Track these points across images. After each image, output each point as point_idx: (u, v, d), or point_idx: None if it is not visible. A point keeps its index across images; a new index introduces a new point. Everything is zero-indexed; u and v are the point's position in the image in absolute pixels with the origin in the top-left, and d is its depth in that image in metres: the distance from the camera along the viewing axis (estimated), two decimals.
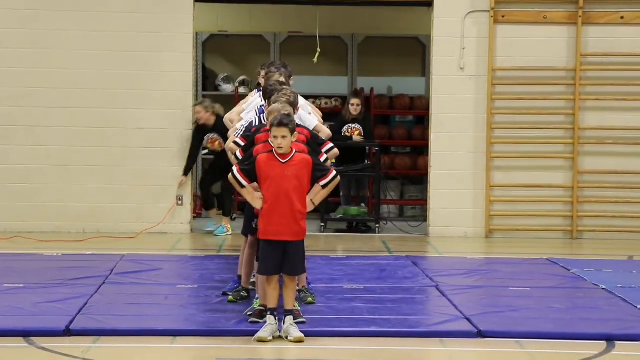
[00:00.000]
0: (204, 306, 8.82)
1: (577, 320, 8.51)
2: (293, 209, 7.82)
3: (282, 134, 7.79)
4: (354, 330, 8.07)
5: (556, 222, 14.02)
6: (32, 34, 13.63)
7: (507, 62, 13.90)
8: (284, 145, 7.80)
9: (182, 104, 13.78)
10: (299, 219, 7.86)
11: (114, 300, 8.97)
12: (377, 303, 9.05)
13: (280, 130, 7.79)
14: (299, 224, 7.87)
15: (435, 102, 14.01)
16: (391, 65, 16.84)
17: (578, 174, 13.92)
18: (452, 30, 13.88)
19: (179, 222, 13.81)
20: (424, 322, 8.43)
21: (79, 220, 13.68)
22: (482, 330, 8.02)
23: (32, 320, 8.13)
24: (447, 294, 9.45)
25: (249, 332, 7.84)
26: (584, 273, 10.71)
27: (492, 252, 12.89)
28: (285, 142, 7.80)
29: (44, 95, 13.66)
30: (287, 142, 7.81)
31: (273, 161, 7.84)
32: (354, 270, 10.84)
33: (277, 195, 7.83)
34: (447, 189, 13.94)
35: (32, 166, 13.68)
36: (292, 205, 7.82)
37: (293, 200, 7.82)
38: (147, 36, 13.76)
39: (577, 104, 13.88)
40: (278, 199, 7.83)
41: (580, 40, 13.84)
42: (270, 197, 7.85)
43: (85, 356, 7.31)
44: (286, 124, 7.81)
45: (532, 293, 9.68)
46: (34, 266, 10.81)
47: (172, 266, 11.20)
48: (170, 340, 7.80)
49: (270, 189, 7.84)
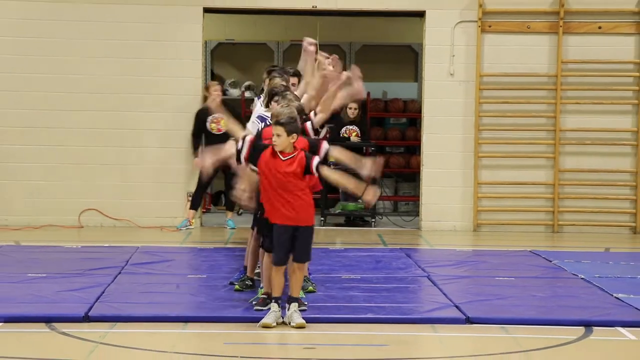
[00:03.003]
0: (213, 294, 8.81)
1: (557, 308, 8.52)
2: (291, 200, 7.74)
3: (276, 132, 7.74)
4: (351, 317, 8.07)
5: (539, 217, 14.02)
6: (52, 43, 13.62)
7: (494, 68, 13.91)
8: (278, 143, 7.73)
9: (192, 107, 13.76)
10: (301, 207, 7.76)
11: (129, 289, 8.97)
12: (373, 292, 9.04)
13: (276, 128, 7.75)
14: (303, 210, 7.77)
15: (427, 106, 14.02)
16: (386, 71, 16.84)
17: (559, 172, 13.92)
18: (443, 39, 13.88)
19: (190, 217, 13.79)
20: (417, 310, 8.43)
21: (96, 216, 13.68)
22: (470, 317, 8.03)
23: (53, 307, 8.14)
24: (437, 284, 9.45)
25: (254, 319, 7.84)
26: (564, 264, 10.72)
27: (480, 245, 12.88)
28: (279, 140, 7.71)
29: (63, 99, 13.65)
30: (281, 141, 7.71)
31: (275, 158, 7.78)
32: (351, 262, 10.83)
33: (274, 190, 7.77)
34: (438, 186, 13.94)
35: (52, 165, 13.68)
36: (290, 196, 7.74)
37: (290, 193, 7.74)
38: (159, 44, 13.76)
39: (558, 107, 13.88)
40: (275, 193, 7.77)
41: (561, 49, 13.84)
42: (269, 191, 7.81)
43: (102, 340, 7.32)
44: (282, 123, 7.73)
45: (517, 282, 9.68)
46: (55, 257, 10.81)
47: (183, 257, 11.21)
48: (181, 326, 7.81)
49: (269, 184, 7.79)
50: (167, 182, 13.79)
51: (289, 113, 7.86)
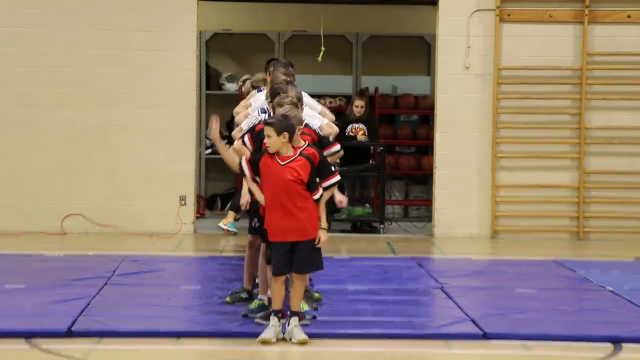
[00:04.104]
0: (207, 307, 8.80)
1: (583, 323, 8.50)
2: (293, 210, 7.77)
3: (266, 132, 7.77)
4: (358, 332, 8.05)
5: (562, 223, 14.00)
6: (33, 33, 13.62)
7: (513, 61, 13.89)
8: (269, 144, 7.75)
9: (186, 103, 13.77)
10: (302, 219, 7.82)
11: (116, 302, 8.96)
12: (381, 305, 9.04)
13: (266, 129, 7.77)
14: (304, 223, 7.82)
15: (440, 102, 14.00)
16: (396, 64, 16.82)
17: (584, 174, 13.90)
18: (458, 29, 13.87)
19: (182, 222, 13.79)
20: (429, 324, 8.42)
21: (80, 221, 13.67)
22: (488, 333, 8.01)
23: (33, 321, 8.12)
24: (452, 296, 9.43)
25: (252, 334, 7.82)
26: (590, 274, 10.70)
27: (498, 253, 12.88)
28: (270, 141, 7.73)
29: (44, 94, 13.65)
30: (271, 142, 7.73)
31: (272, 160, 7.81)
32: (358, 272, 10.83)
33: (276, 197, 7.79)
34: (452, 190, 13.93)
35: (35, 166, 13.67)
36: (293, 205, 7.77)
37: (293, 201, 7.77)
38: (149, 35, 13.75)
39: (584, 103, 13.86)
40: (276, 200, 7.79)
41: (586, 39, 13.82)
42: (269, 198, 7.82)
43: (87, 358, 7.31)
44: (270, 123, 7.76)
45: (538, 295, 9.67)
46: (36, 267, 10.80)
47: (175, 267, 11.19)
48: (173, 341, 7.79)
49: (268, 189, 7.82)
50: (158, 185, 13.79)
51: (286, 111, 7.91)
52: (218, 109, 16.20)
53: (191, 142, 13.81)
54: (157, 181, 13.77)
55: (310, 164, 7.81)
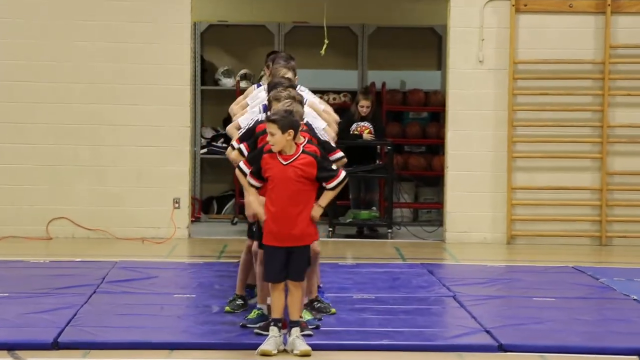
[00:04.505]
0: (203, 317, 8.82)
1: (606, 334, 8.51)
2: (294, 213, 7.79)
3: (270, 130, 7.80)
4: (364, 343, 8.06)
5: (583, 227, 14.01)
6: (17, 24, 13.64)
7: (530, 54, 13.90)
8: (273, 142, 7.78)
9: (179, 99, 13.78)
10: (302, 223, 7.83)
11: (105, 311, 8.97)
12: (389, 314, 9.06)
13: (269, 126, 7.81)
14: (302, 229, 7.84)
15: (451, 98, 14.02)
16: (404, 57, 16.85)
17: (607, 175, 13.91)
18: (471, 20, 13.88)
19: (176, 226, 13.80)
20: (441, 335, 8.43)
21: (67, 225, 13.68)
22: (504, 344, 8.02)
23: (17, 332, 8.12)
24: (465, 305, 9.45)
25: (250, 346, 7.84)
26: (613, 282, 10.71)
27: (514, 260, 12.90)
28: (273, 139, 7.77)
29: (30, 89, 13.67)
30: (275, 140, 7.77)
31: (274, 160, 7.84)
32: (364, 279, 10.85)
33: (278, 198, 7.81)
34: (464, 191, 13.94)
35: (18, 166, 13.69)
36: (293, 208, 7.79)
37: (294, 203, 7.79)
38: (140, 26, 13.77)
39: (606, 100, 13.87)
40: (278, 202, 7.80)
41: (609, 31, 13.83)
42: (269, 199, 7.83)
43: None
44: (274, 120, 7.79)
45: (557, 304, 9.68)
46: (19, 274, 10.82)
47: (169, 274, 11.21)
48: (166, 354, 7.80)
49: (269, 191, 7.84)
50: (150, 187, 13.80)
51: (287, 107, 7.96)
52: (214, 106, 16.29)
53: (185, 140, 13.82)
54: (149, 182, 13.79)
55: (315, 160, 7.84)
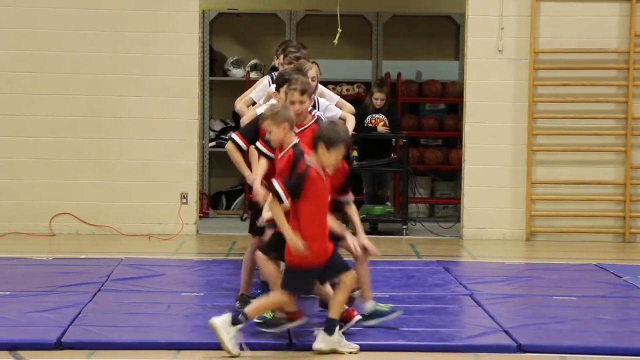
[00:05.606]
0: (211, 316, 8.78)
1: (630, 334, 8.50)
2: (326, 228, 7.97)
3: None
4: (378, 343, 8.07)
5: (606, 223, 14.01)
6: (17, 12, 13.67)
7: (551, 43, 13.89)
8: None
9: (187, 90, 13.81)
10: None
11: (110, 310, 8.99)
12: (404, 313, 9.04)
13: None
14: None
15: (470, 89, 14.01)
16: (421, 47, 16.86)
17: (631, 169, 13.90)
18: (490, 8, 13.87)
19: (184, 222, 13.83)
20: (457, 335, 8.43)
21: (71, 221, 13.72)
22: (523, 344, 8.02)
23: (19, 332, 8.14)
24: (482, 304, 9.45)
25: (259, 346, 7.86)
26: (637, 280, 10.71)
27: (534, 257, 12.90)
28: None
29: (30, 80, 13.71)
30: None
31: (318, 175, 7.78)
32: (378, 277, 10.82)
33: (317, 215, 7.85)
34: (482, 186, 13.94)
35: (19, 160, 13.73)
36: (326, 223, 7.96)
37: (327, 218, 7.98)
38: (147, 15, 13.79)
39: (631, 91, 13.85)
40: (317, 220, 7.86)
41: (634, 19, 13.81)
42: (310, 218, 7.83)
43: None
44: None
45: (579, 303, 9.67)
46: (22, 271, 10.84)
47: (176, 271, 11.23)
48: (173, 354, 7.82)
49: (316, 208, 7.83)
50: (157, 181, 13.83)
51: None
52: (223, 97, 16.32)
53: (193, 133, 13.84)
54: (155, 177, 13.82)
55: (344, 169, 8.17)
